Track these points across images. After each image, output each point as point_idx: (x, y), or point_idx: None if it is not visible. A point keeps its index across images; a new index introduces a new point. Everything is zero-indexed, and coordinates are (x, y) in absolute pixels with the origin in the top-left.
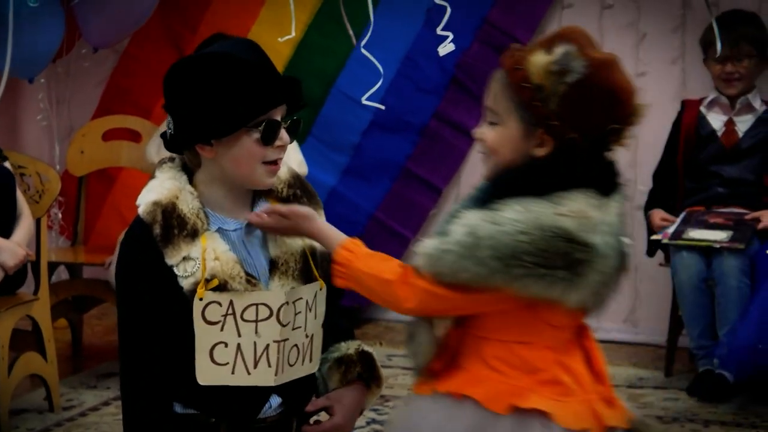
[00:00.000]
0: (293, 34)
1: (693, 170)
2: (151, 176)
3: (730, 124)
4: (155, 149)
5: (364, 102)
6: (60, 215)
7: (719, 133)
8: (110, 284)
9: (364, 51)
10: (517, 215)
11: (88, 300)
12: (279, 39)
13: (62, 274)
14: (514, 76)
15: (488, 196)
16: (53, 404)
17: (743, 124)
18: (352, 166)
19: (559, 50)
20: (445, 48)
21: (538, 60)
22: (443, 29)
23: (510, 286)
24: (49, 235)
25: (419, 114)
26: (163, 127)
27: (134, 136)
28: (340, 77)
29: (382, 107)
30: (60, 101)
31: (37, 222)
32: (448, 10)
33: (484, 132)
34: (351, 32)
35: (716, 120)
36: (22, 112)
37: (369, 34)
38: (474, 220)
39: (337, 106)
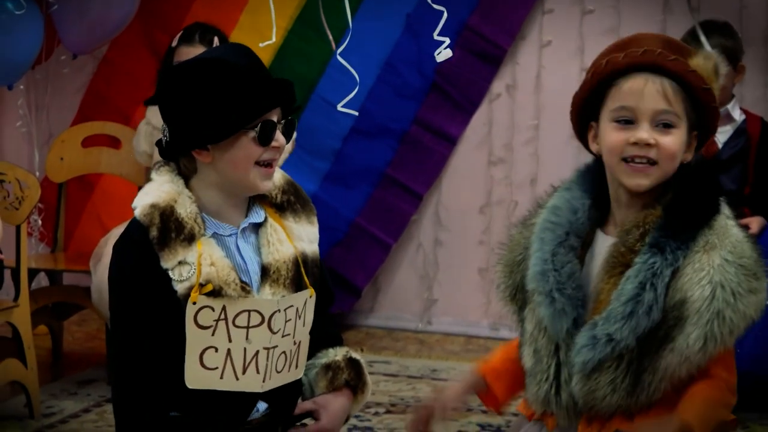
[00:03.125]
0: (274, 39)
1: None
2: (146, 179)
3: None
4: (143, 138)
5: (340, 109)
6: (40, 222)
7: None
8: (90, 290)
9: (340, 59)
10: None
11: (68, 307)
12: (260, 44)
13: (42, 280)
14: (692, 78)
15: (680, 234)
16: (33, 411)
17: (722, 135)
18: (333, 173)
19: (714, 54)
20: (442, 54)
21: (703, 62)
22: (439, 34)
23: None
24: (29, 242)
25: (400, 120)
26: (158, 124)
27: (114, 143)
28: (320, 83)
29: (356, 113)
30: (39, 108)
31: (17, 229)
32: (445, 14)
33: (659, 138)
34: (331, 38)
35: None
36: (1, 118)
37: (347, 41)
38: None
39: (317, 112)
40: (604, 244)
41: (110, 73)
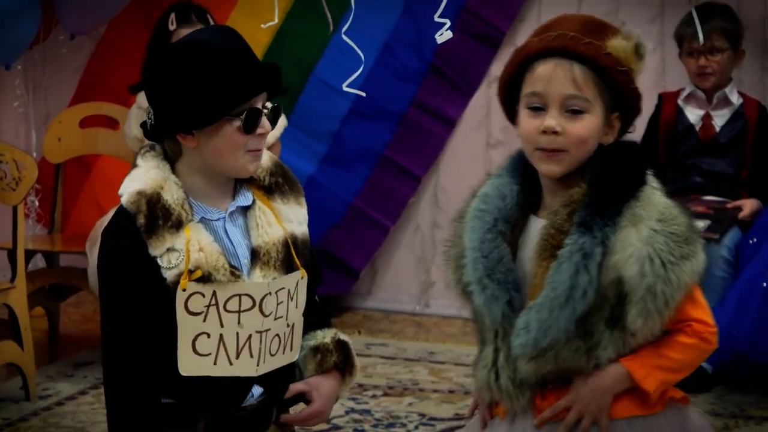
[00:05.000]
0: (276, 20)
1: (671, 163)
2: (133, 164)
3: (707, 119)
4: (135, 122)
5: (345, 89)
6: (37, 203)
7: (696, 128)
8: (87, 272)
9: (345, 38)
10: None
11: (65, 288)
12: (262, 26)
13: (39, 262)
14: (606, 61)
15: (607, 207)
16: (29, 393)
17: (720, 118)
18: (331, 154)
19: (635, 32)
20: (443, 36)
21: (622, 45)
22: (440, 16)
23: None
24: (25, 223)
25: (398, 102)
26: (143, 113)
27: (111, 123)
28: (318, 65)
29: (363, 94)
30: (37, 88)
31: (14, 210)
32: None
33: (565, 124)
34: (330, 19)
35: (693, 114)
36: None
37: (350, 20)
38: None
39: (315, 93)
40: (536, 227)
41: (108, 53)
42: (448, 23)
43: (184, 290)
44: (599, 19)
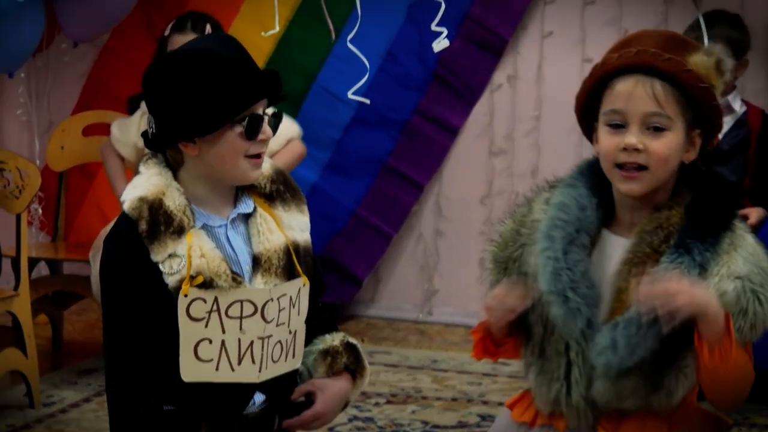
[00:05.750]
0: (277, 28)
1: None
2: (135, 172)
3: None
4: (117, 129)
5: (350, 96)
6: (40, 211)
7: None
8: (90, 280)
9: (350, 45)
10: None
11: (68, 296)
12: (263, 34)
13: (42, 269)
14: (687, 77)
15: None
16: (33, 400)
17: (723, 126)
18: (334, 162)
19: (717, 48)
20: (440, 44)
21: (703, 60)
22: (440, 24)
23: None
24: (29, 231)
25: (401, 110)
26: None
27: None
28: (321, 73)
29: (367, 101)
30: (40, 96)
31: (18, 217)
32: (443, 5)
33: (647, 141)
34: (331, 27)
35: None
36: (2, 106)
37: (356, 29)
38: None
39: (318, 101)
40: (615, 244)
41: (111, 61)
42: (446, 32)
43: (185, 296)
44: (680, 35)
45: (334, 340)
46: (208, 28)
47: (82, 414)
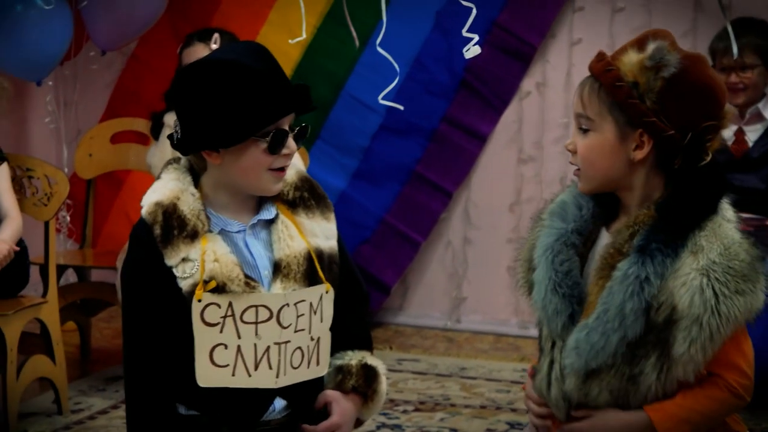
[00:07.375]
0: (304, 36)
1: None
2: (157, 178)
3: (740, 134)
4: (155, 159)
5: (381, 101)
6: (68, 218)
7: (729, 143)
8: (117, 287)
9: (380, 49)
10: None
11: (96, 303)
12: (290, 41)
13: (70, 277)
14: (607, 77)
15: (671, 232)
16: (62, 407)
17: (753, 133)
18: (362, 170)
19: (652, 46)
20: (471, 51)
21: (631, 58)
22: (468, 31)
23: None
24: (57, 238)
25: (429, 117)
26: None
27: (142, 139)
28: (349, 80)
29: (401, 107)
30: (68, 104)
31: (46, 225)
32: (474, 11)
33: (576, 141)
34: (354, 34)
35: (726, 130)
36: (30, 114)
37: (382, 33)
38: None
39: (346, 109)
40: (603, 243)
41: (139, 69)
42: (476, 38)
43: (199, 300)
44: (647, 35)
45: (352, 359)
46: (216, 37)
47: (110, 421)
